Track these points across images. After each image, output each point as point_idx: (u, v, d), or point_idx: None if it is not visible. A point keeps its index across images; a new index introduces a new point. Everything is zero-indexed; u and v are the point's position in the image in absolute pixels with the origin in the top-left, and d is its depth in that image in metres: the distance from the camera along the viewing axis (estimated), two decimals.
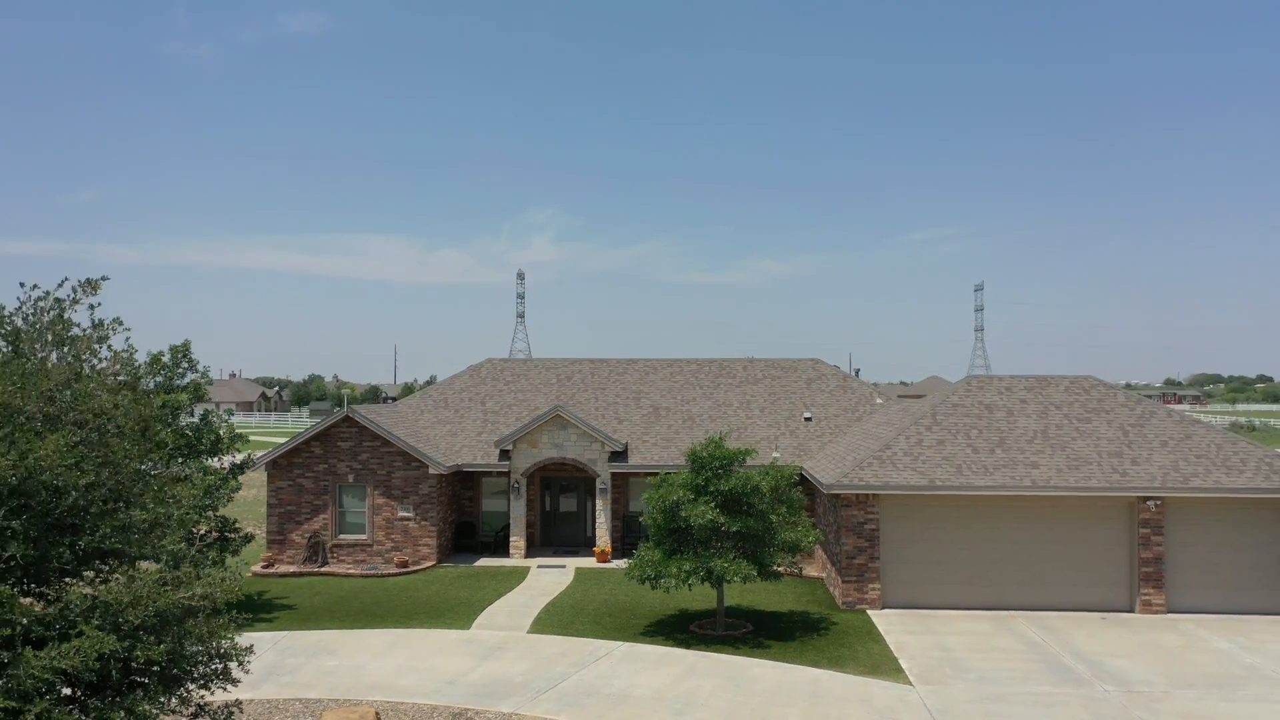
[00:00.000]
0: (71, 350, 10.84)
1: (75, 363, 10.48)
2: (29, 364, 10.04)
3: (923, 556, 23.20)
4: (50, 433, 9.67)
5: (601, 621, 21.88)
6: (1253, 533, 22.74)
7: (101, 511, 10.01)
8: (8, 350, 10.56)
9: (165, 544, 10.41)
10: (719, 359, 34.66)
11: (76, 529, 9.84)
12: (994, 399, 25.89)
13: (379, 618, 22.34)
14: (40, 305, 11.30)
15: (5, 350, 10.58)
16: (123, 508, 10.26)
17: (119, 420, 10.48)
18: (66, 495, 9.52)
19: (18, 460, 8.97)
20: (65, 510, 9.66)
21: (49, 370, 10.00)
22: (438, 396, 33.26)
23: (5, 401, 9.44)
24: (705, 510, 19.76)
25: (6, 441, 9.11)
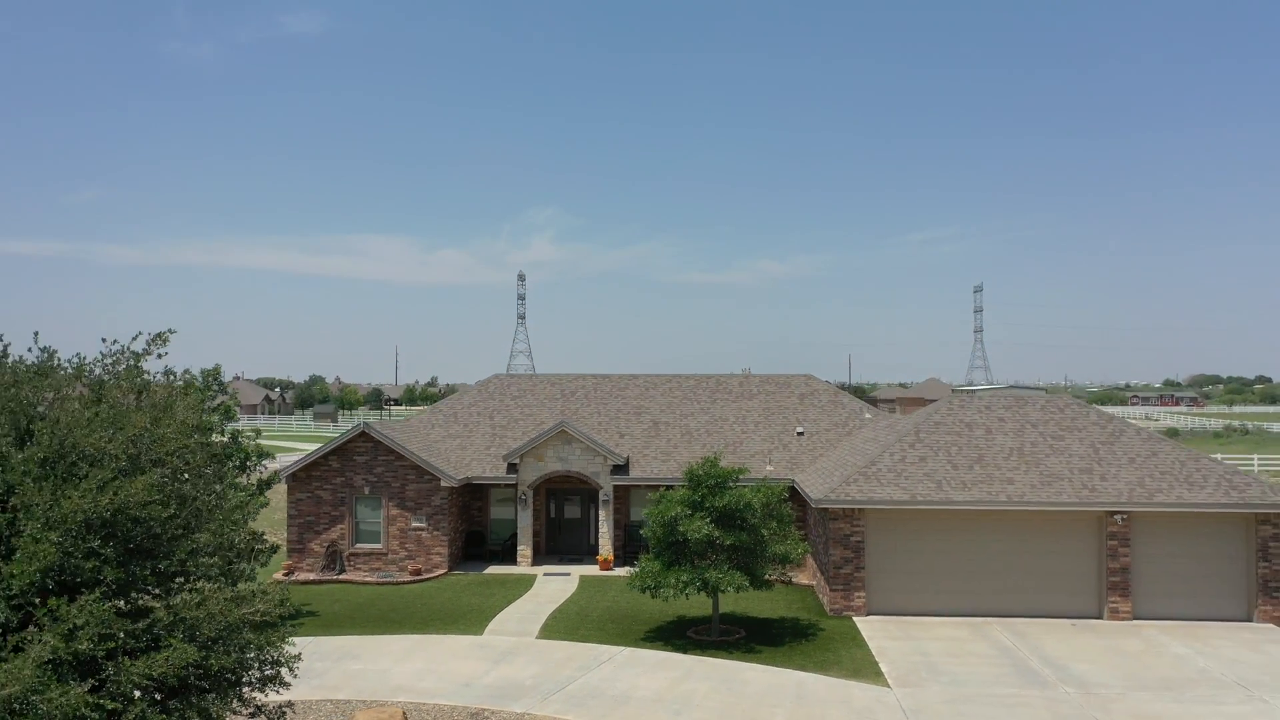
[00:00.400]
0: (148, 398, 12.44)
1: (153, 409, 12.05)
2: (114, 412, 11.61)
3: (905, 566, 24.79)
4: (135, 472, 11.27)
5: (605, 627, 23.47)
6: (1213, 544, 24.33)
7: (175, 537, 11.61)
8: (92, 399, 12.13)
9: (232, 566, 12.02)
10: (715, 375, 36.27)
11: (155, 554, 11.42)
12: (974, 417, 27.48)
13: (397, 624, 23.93)
14: (119, 357, 12.91)
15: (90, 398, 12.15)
16: (193, 534, 11.85)
17: (190, 459, 12.08)
18: (149, 526, 11.11)
19: (111, 499, 10.56)
20: (146, 537, 11.26)
21: (131, 417, 11.58)
22: (448, 411, 34.86)
23: (98, 448, 11.03)
24: (701, 525, 21.35)
25: (100, 483, 10.70)
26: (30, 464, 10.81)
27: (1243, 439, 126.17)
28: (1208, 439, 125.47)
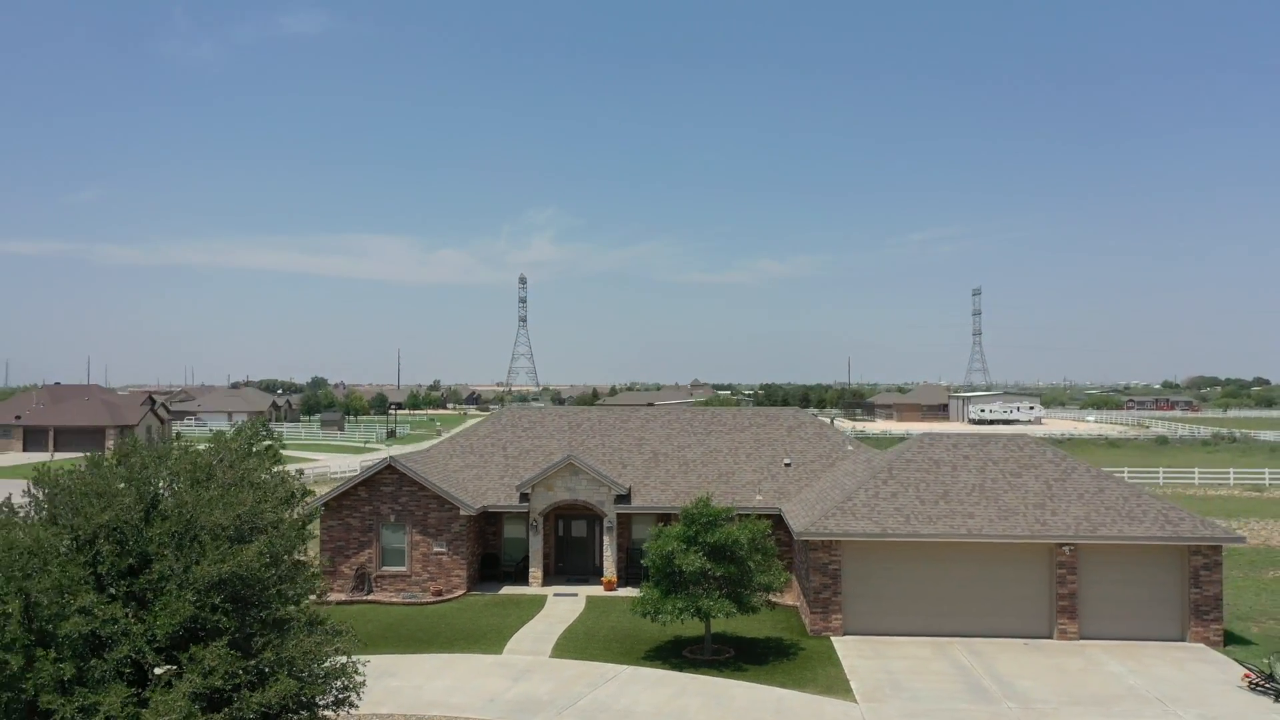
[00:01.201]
0: (249, 480, 15.46)
1: (255, 490, 15.05)
2: (225, 493, 14.61)
3: (878, 591, 27.79)
4: (243, 541, 14.29)
5: (610, 647, 26.47)
6: (1151, 572, 27.33)
7: (273, 592, 14.63)
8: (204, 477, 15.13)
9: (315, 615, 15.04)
10: (711, 408, 39.25)
11: (261, 605, 14.43)
12: (942, 455, 30.47)
13: (425, 643, 26.92)
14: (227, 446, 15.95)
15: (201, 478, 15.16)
16: (286, 587, 14.87)
17: (284, 529, 15.09)
18: (256, 584, 14.13)
19: (230, 565, 13.57)
20: (253, 593, 14.28)
21: (239, 496, 14.58)
22: (464, 443, 37.85)
23: (217, 523, 14.04)
24: (695, 559, 24.36)
25: (221, 554, 13.69)
26: (165, 537, 13.82)
27: (1230, 447, 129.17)
28: (1196, 447, 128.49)
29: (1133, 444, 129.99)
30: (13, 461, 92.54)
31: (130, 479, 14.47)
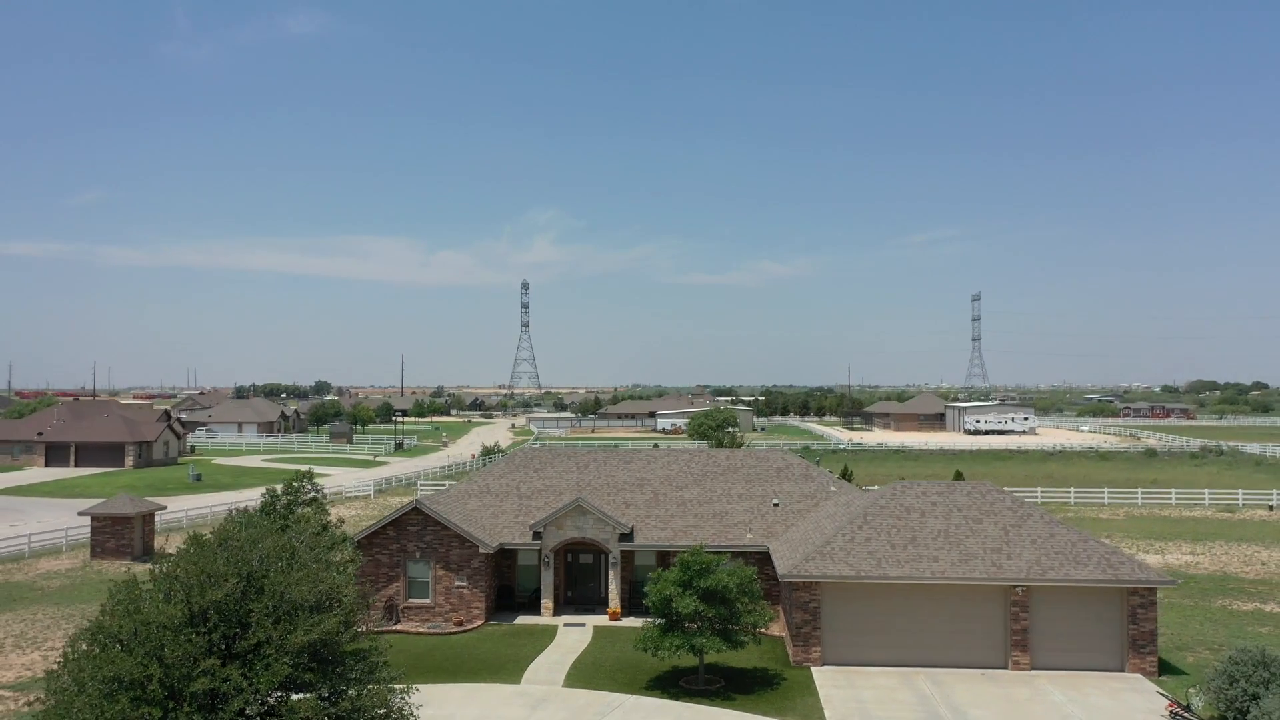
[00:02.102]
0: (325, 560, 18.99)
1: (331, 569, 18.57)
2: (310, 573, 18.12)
3: (853, 626, 31.29)
4: (325, 611, 17.81)
5: (615, 677, 29.98)
6: (1094, 610, 30.82)
7: (347, 652, 18.16)
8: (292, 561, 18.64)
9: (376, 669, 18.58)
10: (706, 450, 42.71)
11: (337, 664, 17.96)
12: (912, 502, 33.99)
13: (451, 673, 30.43)
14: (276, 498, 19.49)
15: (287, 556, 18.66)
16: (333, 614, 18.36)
17: (354, 601, 18.62)
18: (335, 647, 17.66)
19: (317, 633, 17.09)
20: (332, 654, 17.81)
21: (322, 575, 18.10)
22: (481, 483, 41.38)
23: (304, 598, 17.56)
24: (690, 601, 27.89)
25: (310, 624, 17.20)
26: (264, 611, 17.35)
27: (1216, 460, 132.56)
28: (1184, 460, 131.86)
29: (1122, 456, 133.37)
30: (38, 478, 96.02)
31: (231, 560, 17.97)
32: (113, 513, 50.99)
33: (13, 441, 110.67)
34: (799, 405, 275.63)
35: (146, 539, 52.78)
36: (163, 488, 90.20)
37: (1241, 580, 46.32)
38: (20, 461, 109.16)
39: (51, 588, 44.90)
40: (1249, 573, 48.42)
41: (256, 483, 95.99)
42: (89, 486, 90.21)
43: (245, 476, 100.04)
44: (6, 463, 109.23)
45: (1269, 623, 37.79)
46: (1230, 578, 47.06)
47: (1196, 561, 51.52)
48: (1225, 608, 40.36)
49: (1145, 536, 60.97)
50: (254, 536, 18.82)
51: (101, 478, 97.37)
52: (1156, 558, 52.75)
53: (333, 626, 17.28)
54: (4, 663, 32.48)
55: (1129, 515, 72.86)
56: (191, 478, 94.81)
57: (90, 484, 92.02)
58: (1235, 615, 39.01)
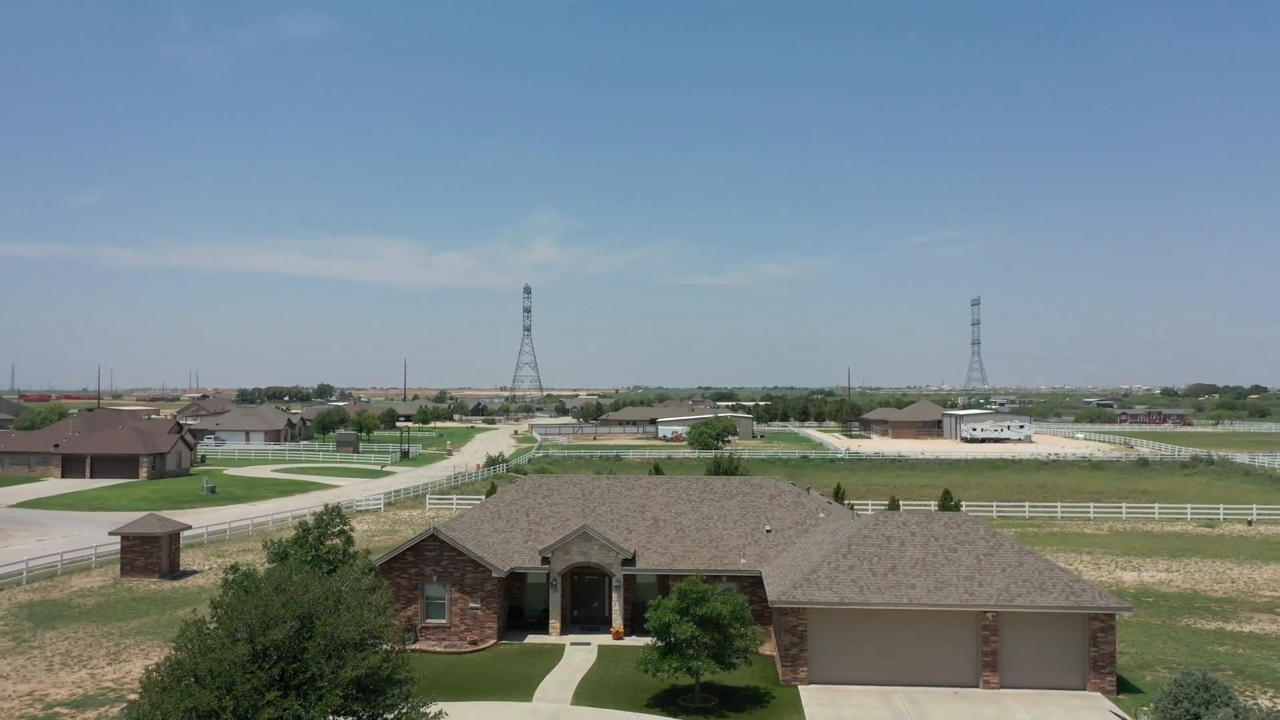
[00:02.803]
0: (369, 602, 21.73)
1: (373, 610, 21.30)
2: (356, 615, 20.86)
3: (837, 648, 34.02)
4: (369, 647, 20.57)
5: (619, 695, 32.71)
6: (1059, 633, 33.53)
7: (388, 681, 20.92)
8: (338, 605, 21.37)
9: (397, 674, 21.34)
10: (704, 478, 45.47)
11: (380, 693, 20.72)
12: (892, 532, 36.71)
13: (468, 691, 33.15)
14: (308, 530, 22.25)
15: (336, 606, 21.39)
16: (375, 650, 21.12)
17: (371, 601, 21.38)
18: (377, 678, 20.42)
19: (364, 667, 19.84)
20: (375, 685, 20.57)
21: (367, 616, 20.84)
22: (493, 509, 44.12)
23: (351, 637, 20.31)
24: (687, 627, 30.62)
25: (358, 660, 19.95)
26: (317, 649, 20.11)
27: (1206, 470, 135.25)
28: (1175, 469, 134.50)
29: (1115, 466, 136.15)
30: (55, 490, 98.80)
31: (287, 604, 20.72)
32: (141, 533, 53.77)
33: (29, 453, 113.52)
34: (799, 411, 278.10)
35: (173, 557, 55.56)
36: (178, 500, 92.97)
37: (1209, 599, 49.00)
38: (37, 472, 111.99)
39: (87, 605, 47.66)
40: (1218, 590, 51.11)
41: (269, 494, 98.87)
42: (106, 499, 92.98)
43: (257, 488, 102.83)
44: (23, 474, 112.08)
45: (1229, 641, 40.46)
46: (1199, 596, 49.74)
47: (1170, 579, 54.22)
48: (1189, 627, 43.05)
49: (1126, 553, 63.62)
50: (305, 582, 21.56)
51: (117, 490, 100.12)
52: (1133, 575, 55.47)
53: (376, 662, 20.04)
54: (56, 681, 35.23)
55: (1113, 530, 75.54)
56: (205, 490, 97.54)
57: (107, 496, 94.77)
58: (1198, 634, 41.70)
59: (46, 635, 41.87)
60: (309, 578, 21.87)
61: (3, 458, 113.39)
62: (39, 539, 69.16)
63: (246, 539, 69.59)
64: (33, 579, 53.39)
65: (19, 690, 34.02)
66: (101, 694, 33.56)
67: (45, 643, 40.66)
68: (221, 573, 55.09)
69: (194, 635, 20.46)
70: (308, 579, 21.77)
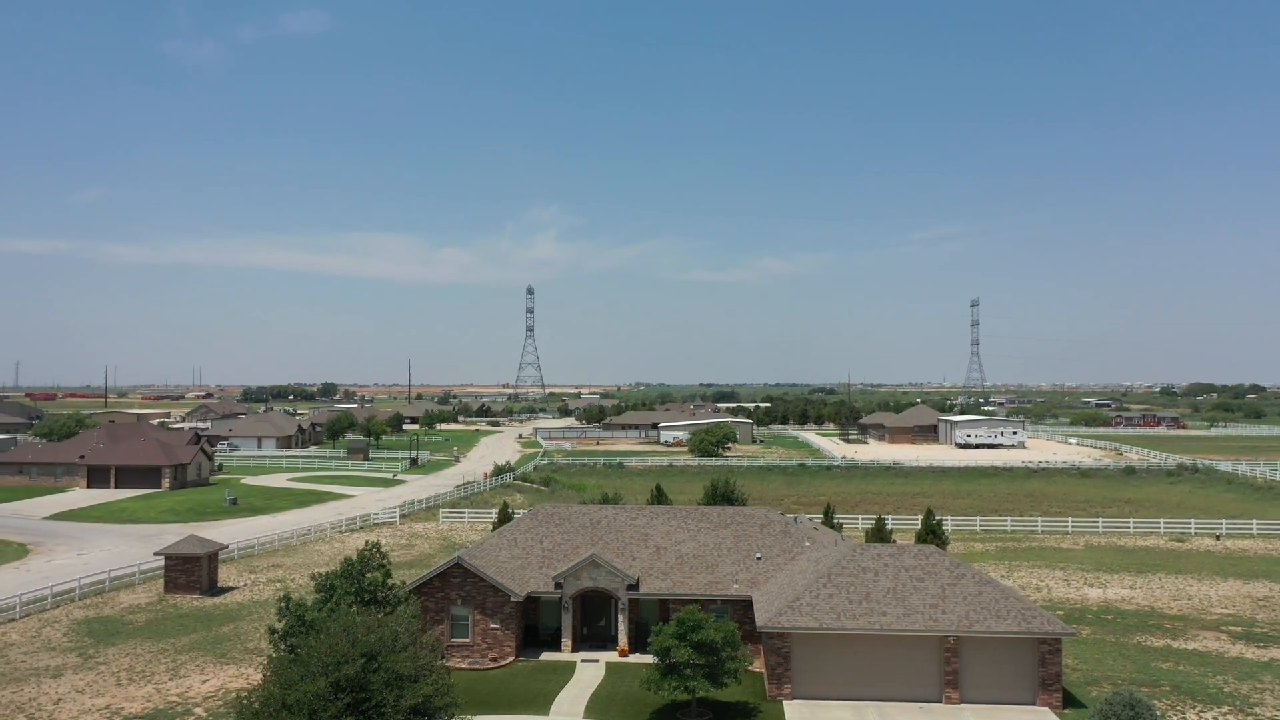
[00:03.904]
0: (421, 640, 26.26)
1: (424, 647, 25.83)
2: (412, 654, 25.38)
3: (817, 667, 38.56)
4: (422, 678, 25.13)
5: (625, 709, 37.28)
6: (1011, 655, 38.06)
7: (437, 706, 25.51)
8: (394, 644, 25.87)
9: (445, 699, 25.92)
10: (701, 508, 50.01)
11: (432, 714, 25.28)
12: (868, 563, 41.25)
13: (492, 706, 37.68)
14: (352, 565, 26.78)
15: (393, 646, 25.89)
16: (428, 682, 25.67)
17: (422, 640, 25.94)
18: (430, 703, 25.00)
19: (421, 694, 24.40)
20: (427, 709, 25.14)
21: (420, 654, 25.37)
22: (510, 537, 48.68)
23: (409, 672, 24.86)
24: (685, 651, 35.18)
25: (415, 690, 24.50)
26: (380, 682, 24.66)
27: (1190, 478, 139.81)
28: (1161, 478, 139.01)
29: (1102, 474, 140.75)
30: (84, 501, 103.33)
31: (354, 644, 25.26)
32: (183, 553, 58.39)
33: (56, 464, 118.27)
34: (798, 414, 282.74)
35: (212, 575, 60.19)
36: (202, 512, 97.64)
37: (1164, 616, 53.53)
38: (63, 482, 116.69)
39: (139, 622, 52.27)
40: (1174, 608, 55.63)
41: (287, 505, 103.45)
42: (134, 511, 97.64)
43: (276, 499, 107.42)
44: (50, 484, 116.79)
45: (1173, 659, 44.98)
46: (1155, 613, 54.26)
47: (1132, 596, 58.76)
48: (1140, 644, 47.56)
49: (1096, 568, 68.15)
50: (367, 624, 26.12)
51: (143, 501, 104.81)
52: (1099, 592, 60.01)
53: (429, 691, 24.61)
54: (127, 695, 39.83)
55: (1088, 545, 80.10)
56: (227, 502, 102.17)
57: (134, 508, 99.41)
58: (1146, 651, 46.22)
59: (109, 651, 46.47)
60: (370, 620, 26.42)
61: (31, 468, 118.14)
62: (78, 553, 73.78)
63: (274, 554, 74.18)
64: (84, 595, 57.98)
65: (96, 704, 38.63)
66: (170, 708, 38.16)
67: (109, 658, 45.26)
68: (259, 588, 59.75)
69: (280, 669, 25.02)
70: (369, 621, 26.32)
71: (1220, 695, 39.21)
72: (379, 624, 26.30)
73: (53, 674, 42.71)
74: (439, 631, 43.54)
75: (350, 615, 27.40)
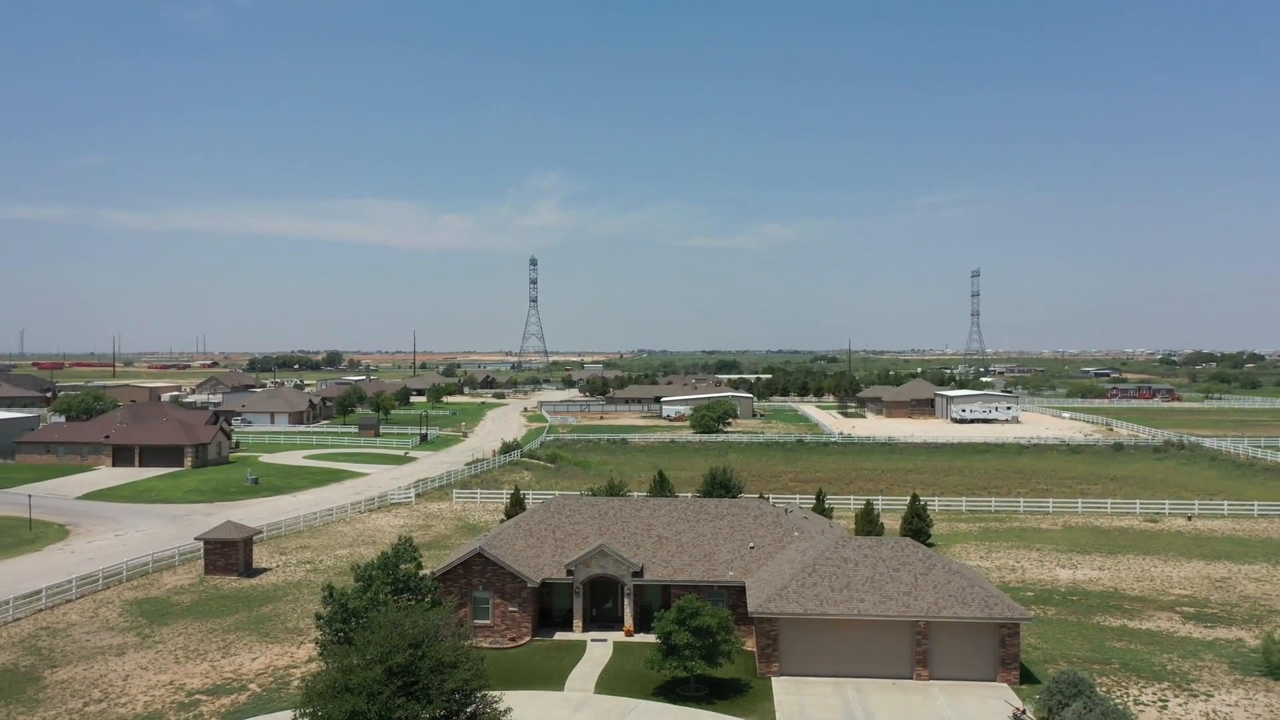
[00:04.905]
0: (458, 632, 30.80)
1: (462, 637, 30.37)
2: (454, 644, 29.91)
3: (802, 648, 43.25)
4: (462, 666, 29.73)
5: (631, 685, 42.01)
6: (976, 637, 42.70)
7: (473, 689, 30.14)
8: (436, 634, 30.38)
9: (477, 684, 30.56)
10: (700, 499, 54.52)
11: (467, 696, 29.92)
12: (849, 554, 45.81)
13: (512, 681, 42.40)
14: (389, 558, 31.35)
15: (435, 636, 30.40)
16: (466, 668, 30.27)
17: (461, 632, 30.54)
18: (466, 685, 29.63)
19: (461, 676, 29.01)
20: (463, 691, 29.78)
21: (460, 646, 29.92)
22: (525, 527, 53.28)
23: (451, 659, 29.42)
24: (684, 635, 39.84)
25: (457, 673, 29.07)
26: (427, 668, 29.24)
27: (1176, 454, 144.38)
28: (1148, 454, 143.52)
29: (1091, 450, 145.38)
30: (111, 480, 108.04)
31: (403, 636, 29.79)
32: (222, 538, 63.15)
33: (82, 443, 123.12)
34: (799, 386, 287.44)
35: (247, 558, 65.00)
36: (226, 491, 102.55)
37: (1125, 597, 58.19)
38: (89, 461, 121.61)
39: (185, 603, 57.09)
40: (1137, 589, 60.30)
41: (306, 484, 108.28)
42: (161, 490, 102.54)
43: (294, 478, 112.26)
44: (77, 463, 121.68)
45: (1127, 638, 49.65)
46: (1118, 594, 58.92)
47: (1099, 577, 63.43)
48: (1098, 624, 52.22)
49: (1071, 549, 72.84)
50: (414, 619, 30.68)
51: (168, 480, 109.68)
52: (1069, 573, 64.69)
53: (468, 675, 29.22)
54: (186, 672, 44.63)
55: (1067, 525, 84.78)
56: (249, 481, 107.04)
57: (161, 487, 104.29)
58: (1103, 631, 50.88)
59: (162, 631, 51.29)
60: (415, 614, 30.98)
61: (58, 447, 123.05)
62: (116, 534, 78.65)
63: (300, 535, 78.99)
64: (131, 576, 62.79)
65: (161, 680, 43.44)
66: (226, 683, 42.97)
67: (164, 638, 50.07)
68: (291, 569, 64.49)
69: (341, 656, 29.62)
70: (414, 616, 30.88)
71: (1163, 672, 43.89)
72: (422, 617, 30.85)
73: (116, 652, 47.50)
74: (463, 614, 48.30)
75: (396, 611, 31.92)
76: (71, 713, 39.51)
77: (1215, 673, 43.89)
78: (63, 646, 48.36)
